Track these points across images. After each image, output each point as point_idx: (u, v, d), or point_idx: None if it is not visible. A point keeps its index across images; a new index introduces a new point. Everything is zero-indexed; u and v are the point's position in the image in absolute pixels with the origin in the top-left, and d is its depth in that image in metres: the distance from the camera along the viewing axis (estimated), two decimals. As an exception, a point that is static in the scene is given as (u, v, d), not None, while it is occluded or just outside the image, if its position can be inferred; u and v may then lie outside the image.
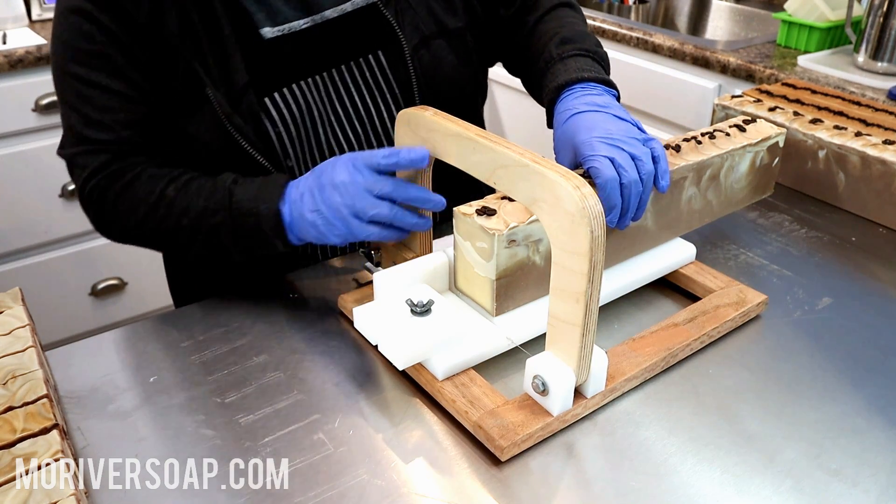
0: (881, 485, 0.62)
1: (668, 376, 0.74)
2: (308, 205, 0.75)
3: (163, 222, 0.81)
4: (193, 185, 0.80)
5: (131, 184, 0.82)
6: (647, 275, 0.84)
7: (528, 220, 0.70)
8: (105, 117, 0.81)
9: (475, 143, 0.66)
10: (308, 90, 0.88)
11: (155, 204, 0.80)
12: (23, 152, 1.77)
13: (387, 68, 0.92)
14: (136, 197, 0.81)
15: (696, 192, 0.85)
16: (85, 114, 0.81)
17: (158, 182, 0.81)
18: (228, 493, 0.61)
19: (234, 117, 0.82)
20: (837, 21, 1.72)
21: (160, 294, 2.05)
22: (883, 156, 1.00)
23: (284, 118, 0.86)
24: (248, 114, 0.83)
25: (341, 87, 0.91)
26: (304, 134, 0.88)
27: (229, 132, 0.82)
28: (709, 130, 0.88)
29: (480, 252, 0.72)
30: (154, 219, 0.81)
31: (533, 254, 0.73)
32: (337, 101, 0.91)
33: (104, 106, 0.81)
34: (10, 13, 1.85)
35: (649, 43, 1.83)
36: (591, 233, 0.58)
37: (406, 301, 0.72)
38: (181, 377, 0.73)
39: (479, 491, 0.61)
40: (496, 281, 0.71)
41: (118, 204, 0.82)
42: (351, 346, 0.78)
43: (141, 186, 0.81)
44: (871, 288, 0.90)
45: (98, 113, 0.81)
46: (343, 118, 0.91)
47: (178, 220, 0.80)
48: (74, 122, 0.82)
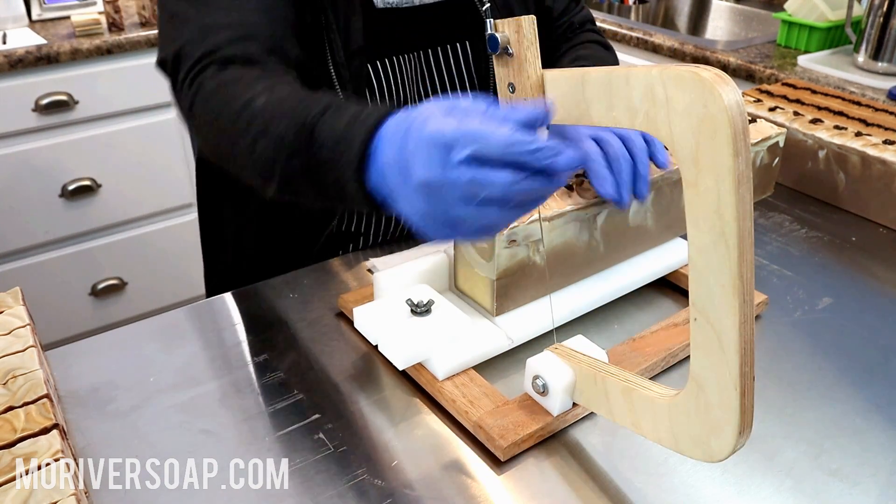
0: (881, 485, 0.62)
1: (668, 376, 0.74)
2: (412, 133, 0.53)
3: (237, 140, 0.64)
4: (286, 104, 0.62)
5: (230, 83, 0.67)
6: (647, 275, 0.84)
7: (528, 220, 0.70)
8: (233, 2, 0.73)
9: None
10: (403, 65, 0.92)
11: (238, 112, 0.64)
12: (23, 152, 1.77)
13: (470, 59, 0.96)
14: (226, 99, 0.66)
15: (696, 192, 0.84)
16: (207, 2, 0.73)
17: (252, 88, 0.65)
18: (228, 493, 0.61)
19: (343, 69, 0.84)
20: (837, 21, 1.72)
21: (160, 294, 2.07)
22: (883, 156, 1.00)
23: (382, 87, 0.90)
24: (356, 74, 0.85)
25: (433, 67, 0.94)
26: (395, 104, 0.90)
27: (332, 85, 0.83)
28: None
29: (480, 252, 0.72)
30: (232, 131, 0.65)
31: (533, 254, 0.73)
32: (426, 80, 0.94)
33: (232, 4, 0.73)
34: (10, 13, 1.85)
35: (649, 43, 1.83)
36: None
37: (406, 301, 0.72)
38: (181, 377, 0.73)
39: (479, 491, 0.61)
40: (496, 281, 0.71)
41: (209, 102, 0.68)
42: (351, 346, 0.78)
43: (238, 88, 0.66)
44: (871, 288, 0.90)
45: (221, 13, 0.72)
46: (424, 98, 0.94)
47: (253, 142, 0.63)
48: (192, 15, 0.72)
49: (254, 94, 0.64)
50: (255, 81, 0.66)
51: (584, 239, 0.77)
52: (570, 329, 0.79)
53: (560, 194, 0.75)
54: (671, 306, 0.85)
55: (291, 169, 0.60)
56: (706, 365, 0.50)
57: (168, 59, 0.73)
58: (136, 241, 2.00)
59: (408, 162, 0.50)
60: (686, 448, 0.54)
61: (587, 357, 0.64)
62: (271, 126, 0.61)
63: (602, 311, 0.82)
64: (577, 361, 0.64)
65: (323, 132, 0.57)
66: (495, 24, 0.58)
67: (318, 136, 0.58)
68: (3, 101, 1.70)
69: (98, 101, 1.82)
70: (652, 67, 0.47)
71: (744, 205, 0.45)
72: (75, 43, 1.75)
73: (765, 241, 0.98)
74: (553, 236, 0.73)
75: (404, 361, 0.69)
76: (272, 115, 0.62)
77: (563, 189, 0.76)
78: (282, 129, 0.60)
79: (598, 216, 0.77)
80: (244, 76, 0.67)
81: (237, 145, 0.64)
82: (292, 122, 0.60)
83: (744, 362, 0.48)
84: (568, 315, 0.79)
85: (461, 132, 0.47)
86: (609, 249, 0.81)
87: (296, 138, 0.59)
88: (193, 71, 0.70)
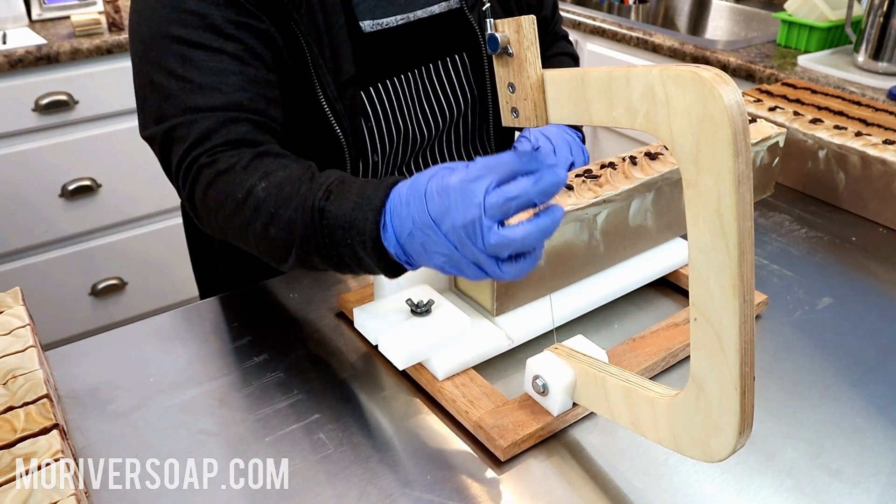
0: (881, 485, 0.62)
1: (668, 376, 0.74)
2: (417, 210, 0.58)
3: (248, 225, 0.68)
4: (287, 188, 0.66)
5: (226, 172, 0.70)
6: (647, 275, 0.84)
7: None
8: (215, 79, 0.73)
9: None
10: (399, 86, 0.90)
11: (241, 202, 0.68)
12: (23, 152, 1.77)
13: (469, 70, 0.95)
14: (226, 189, 0.70)
15: (696, 192, 0.84)
16: (189, 79, 0.72)
17: (251, 176, 0.69)
18: (228, 493, 0.61)
19: (336, 103, 0.82)
20: (837, 21, 1.72)
21: (160, 294, 2.07)
22: (883, 156, 1.00)
23: (377, 113, 0.88)
24: (350, 105, 0.84)
25: (428, 84, 0.93)
26: (394, 129, 0.90)
27: (328, 119, 0.82)
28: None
29: None
30: (239, 219, 0.69)
31: None
32: (424, 98, 0.93)
33: (213, 68, 0.73)
34: (10, 13, 1.85)
35: (649, 43, 1.83)
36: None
37: (406, 301, 0.72)
38: (181, 377, 0.73)
39: (479, 491, 0.61)
40: (496, 281, 0.71)
41: (209, 191, 0.71)
42: (351, 346, 0.78)
43: (235, 177, 0.69)
44: (871, 288, 0.90)
45: (206, 76, 0.73)
46: (428, 114, 0.94)
47: (264, 228, 0.67)
48: (176, 91, 0.73)
49: (253, 182, 0.68)
50: (251, 167, 0.70)
51: (585, 238, 0.77)
52: (570, 329, 0.79)
53: (560, 194, 0.75)
54: (671, 306, 0.85)
55: (307, 250, 0.64)
56: (706, 365, 0.50)
57: (156, 137, 0.75)
58: (136, 241, 2.00)
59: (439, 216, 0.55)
60: (686, 448, 0.54)
61: (587, 357, 0.64)
62: (280, 212, 0.65)
63: (602, 311, 0.82)
64: (577, 361, 0.64)
65: (332, 217, 0.61)
66: (495, 24, 0.58)
67: (327, 220, 0.62)
68: (3, 101, 1.70)
69: (98, 101, 1.82)
70: (652, 67, 0.47)
71: (744, 205, 0.45)
72: (75, 43, 1.75)
73: (765, 241, 0.98)
74: (553, 236, 0.73)
75: (404, 361, 0.69)
76: (277, 202, 0.65)
77: (563, 188, 0.76)
78: (290, 213, 0.64)
79: (599, 216, 0.77)
80: (238, 162, 0.70)
81: (248, 233, 0.68)
82: (299, 207, 0.63)
83: (744, 362, 0.48)
84: (568, 315, 0.79)
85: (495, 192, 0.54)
86: (609, 249, 0.81)
87: (306, 223, 0.63)
88: (187, 160, 0.72)
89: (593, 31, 1.99)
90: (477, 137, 1.00)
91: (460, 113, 0.96)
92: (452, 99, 0.95)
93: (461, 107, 0.96)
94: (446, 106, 0.95)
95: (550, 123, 0.59)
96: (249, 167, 0.70)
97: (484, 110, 0.97)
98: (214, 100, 0.72)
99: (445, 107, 0.94)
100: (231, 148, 0.72)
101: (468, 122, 0.98)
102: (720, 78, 0.44)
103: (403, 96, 0.91)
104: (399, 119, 0.90)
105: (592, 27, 1.98)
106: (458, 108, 0.96)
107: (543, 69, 0.58)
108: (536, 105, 0.58)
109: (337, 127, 0.83)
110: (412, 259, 0.59)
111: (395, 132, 0.90)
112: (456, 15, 0.93)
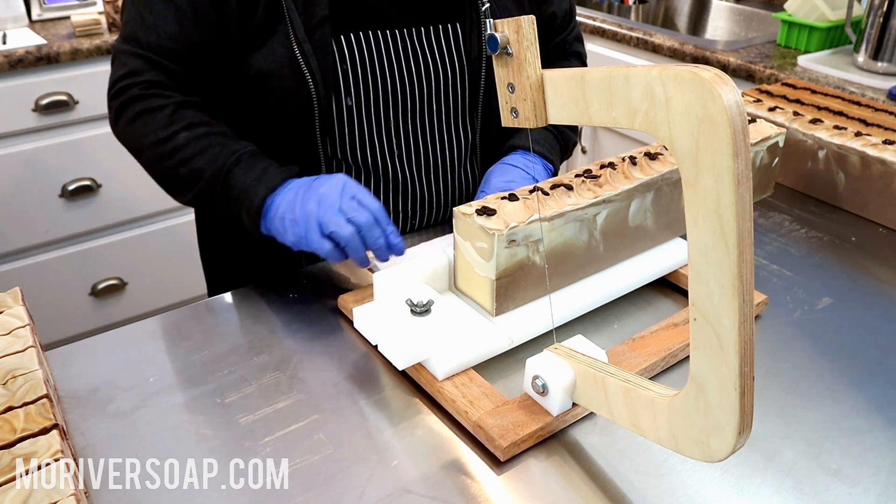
0: (881, 485, 0.62)
1: (668, 376, 0.74)
2: (287, 202, 0.79)
3: (162, 160, 0.84)
4: (205, 141, 0.83)
5: (156, 111, 0.84)
6: (647, 275, 0.84)
7: (528, 220, 0.70)
8: (158, 22, 0.84)
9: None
10: (384, 39, 0.91)
11: (163, 140, 0.83)
12: (23, 152, 1.77)
13: (461, 41, 0.96)
14: (150, 125, 0.84)
15: (696, 192, 0.84)
16: (141, 14, 0.85)
17: (176, 123, 0.83)
18: (228, 493, 0.61)
19: (305, 44, 0.85)
20: (837, 21, 1.72)
21: (160, 294, 2.07)
22: (883, 156, 1.00)
23: (354, 57, 0.90)
24: (319, 45, 0.86)
25: (417, 46, 0.94)
26: (371, 78, 0.91)
27: (296, 59, 0.85)
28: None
29: (480, 252, 0.72)
30: (156, 153, 0.84)
31: (533, 254, 0.73)
32: (411, 58, 0.94)
33: (161, 13, 0.84)
34: (10, 13, 1.85)
35: (649, 43, 1.83)
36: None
37: (406, 301, 0.72)
38: (181, 377, 0.73)
39: (479, 491, 0.61)
40: (496, 281, 0.71)
41: (134, 121, 0.85)
42: (351, 346, 0.78)
43: (160, 117, 0.84)
44: (871, 288, 0.90)
45: (153, 17, 0.84)
46: (413, 75, 0.94)
47: (175, 167, 0.83)
48: (130, 19, 0.86)
49: (176, 129, 0.83)
50: (178, 115, 0.84)
51: (584, 239, 0.77)
52: (570, 329, 0.79)
53: (560, 194, 0.75)
54: (671, 306, 0.85)
55: (204, 195, 0.83)
56: (706, 365, 0.50)
57: (112, 51, 0.89)
58: (136, 241, 2.00)
59: (291, 222, 0.79)
60: (686, 448, 0.54)
61: (587, 357, 0.64)
62: (194, 159, 0.83)
63: (602, 311, 0.82)
64: (577, 361, 0.64)
65: (234, 178, 0.81)
66: (495, 24, 0.58)
67: (230, 180, 0.81)
68: (3, 101, 1.70)
69: (98, 101, 1.82)
70: (651, 67, 0.47)
71: (743, 205, 0.45)
72: (75, 43, 1.75)
73: (765, 241, 0.98)
74: (553, 236, 0.73)
75: (404, 361, 0.69)
76: (194, 151, 0.83)
77: (563, 188, 0.76)
78: (202, 163, 0.82)
79: (598, 216, 0.77)
80: (166, 106, 0.84)
81: (159, 164, 0.85)
82: (212, 160, 0.82)
83: (744, 362, 0.48)
84: (568, 315, 0.79)
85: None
86: (609, 249, 0.80)
87: (212, 176, 0.82)
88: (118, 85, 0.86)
89: (593, 31, 1.99)
90: (461, 116, 1.00)
91: (447, 82, 0.96)
92: (440, 65, 0.95)
93: (448, 76, 0.96)
94: (433, 70, 0.95)
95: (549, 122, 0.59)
96: (176, 115, 0.84)
97: (475, 88, 0.97)
98: (151, 38, 0.85)
99: (432, 70, 0.95)
100: (160, 88, 0.85)
101: (457, 94, 0.98)
102: (719, 78, 0.44)
103: (387, 48, 0.92)
104: (378, 69, 0.91)
105: (592, 27, 1.98)
106: (444, 76, 0.96)
107: (544, 69, 0.58)
108: (536, 105, 0.58)
109: (304, 66, 0.85)
110: (275, 233, 0.80)
111: (373, 80, 0.91)
112: None
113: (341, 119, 0.91)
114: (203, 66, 0.87)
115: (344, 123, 0.92)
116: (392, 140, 0.96)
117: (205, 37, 0.85)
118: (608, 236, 0.79)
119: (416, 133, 0.97)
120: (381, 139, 0.95)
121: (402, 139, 0.97)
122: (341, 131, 0.92)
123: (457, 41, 0.96)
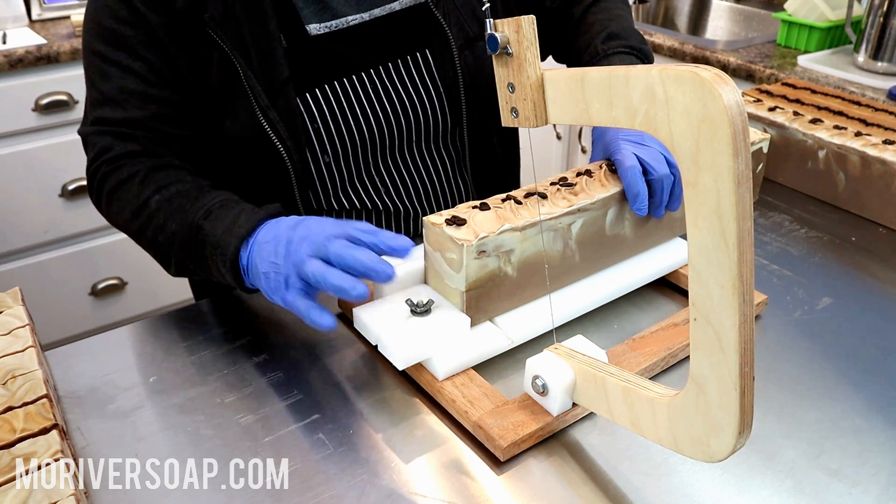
0: (881, 485, 0.62)
1: (668, 376, 0.74)
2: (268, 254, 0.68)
3: (143, 231, 0.80)
4: (175, 202, 0.77)
5: (126, 181, 0.80)
6: (647, 275, 0.84)
7: (498, 231, 0.69)
8: (120, 96, 0.81)
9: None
10: (352, 87, 0.89)
11: (138, 210, 0.79)
12: (23, 152, 1.77)
13: (433, 67, 0.93)
14: (124, 197, 0.81)
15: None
16: (102, 91, 0.82)
17: (147, 188, 0.79)
18: (228, 493, 0.61)
19: (269, 111, 0.82)
20: (837, 21, 1.72)
21: (160, 294, 2.07)
22: (883, 156, 1.00)
23: (324, 114, 0.87)
24: (284, 109, 0.83)
25: (388, 84, 0.91)
26: (346, 130, 0.89)
27: (262, 127, 0.82)
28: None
29: (450, 263, 0.71)
30: (136, 225, 0.80)
31: (504, 264, 0.72)
32: (384, 97, 0.91)
33: (121, 86, 0.81)
34: (10, 13, 1.85)
35: (649, 43, 1.83)
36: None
37: (406, 301, 0.72)
38: (181, 377, 0.73)
39: (479, 491, 0.61)
40: (466, 293, 0.71)
41: (111, 197, 0.82)
42: (351, 346, 0.78)
43: (133, 187, 0.80)
44: (871, 288, 0.90)
45: (114, 91, 0.81)
46: (390, 115, 0.91)
47: (154, 236, 0.78)
48: (93, 101, 0.83)
49: (148, 194, 0.79)
50: (148, 179, 0.80)
51: (559, 248, 0.76)
52: (569, 329, 0.79)
53: (533, 202, 0.73)
54: (671, 306, 0.85)
55: (184, 258, 0.77)
56: (706, 365, 0.50)
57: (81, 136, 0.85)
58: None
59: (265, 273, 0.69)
60: (686, 448, 0.54)
61: (587, 357, 0.64)
62: (167, 223, 0.77)
63: (602, 311, 0.82)
64: (577, 361, 0.64)
65: (205, 234, 0.73)
66: (495, 24, 0.58)
67: (202, 236, 0.73)
68: (3, 101, 1.70)
69: (98, 101, 1.82)
70: (651, 67, 0.47)
71: (743, 205, 0.45)
72: (75, 43, 1.75)
73: (765, 241, 0.98)
74: (525, 246, 0.72)
75: (404, 361, 0.69)
76: (167, 215, 0.77)
77: (537, 196, 0.74)
78: (174, 226, 0.76)
79: (573, 225, 0.75)
80: (137, 173, 0.80)
81: (143, 238, 0.81)
82: (183, 222, 0.75)
83: (744, 362, 0.48)
84: (568, 315, 0.79)
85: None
86: (585, 259, 0.79)
87: (185, 236, 0.75)
88: (93, 167, 0.83)
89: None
90: (448, 137, 0.97)
91: (426, 112, 0.93)
92: (416, 97, 0.92)
93: (426, 106, 0.93)
94: (409, 105, 0.92)
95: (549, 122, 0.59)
96: (147, 179, 0.80)
97: (456, 109, 0.94)
98: (117, 114, 0.81)
99: (409, 105, 0.92)
100: (130, 158, 0.81)
101: (438, 120, 0.95)
102: (719, 78, 0.44)
103: (356, 97, 0.89)
104: (352, 120, 0.88)
105: (592, 27, 1.98)
106: (422, 108, 0.93)
107: (544, 69, 0.58)
108: (536, 105, 0.58)
109: (272, 133, 0.82)
110: (251, 279, 0.71)
111: (349, 134, 0.89)
112: (420, 10, 0.90)
113: (321, 174, 0.89)
114: (176, 127, 0.83)
115: (324, 177, 0.89)
116: (375, 179, 0.94)
117: (173, 95, 0.82)
118: (584, 246, 0.78)
119: (398, 166, 0.95)
120: (364, 181, 0.93)
121: (386, 175, 0.94)
122: (322, 184, 0.90)
123: (428, 68, 0.92)
